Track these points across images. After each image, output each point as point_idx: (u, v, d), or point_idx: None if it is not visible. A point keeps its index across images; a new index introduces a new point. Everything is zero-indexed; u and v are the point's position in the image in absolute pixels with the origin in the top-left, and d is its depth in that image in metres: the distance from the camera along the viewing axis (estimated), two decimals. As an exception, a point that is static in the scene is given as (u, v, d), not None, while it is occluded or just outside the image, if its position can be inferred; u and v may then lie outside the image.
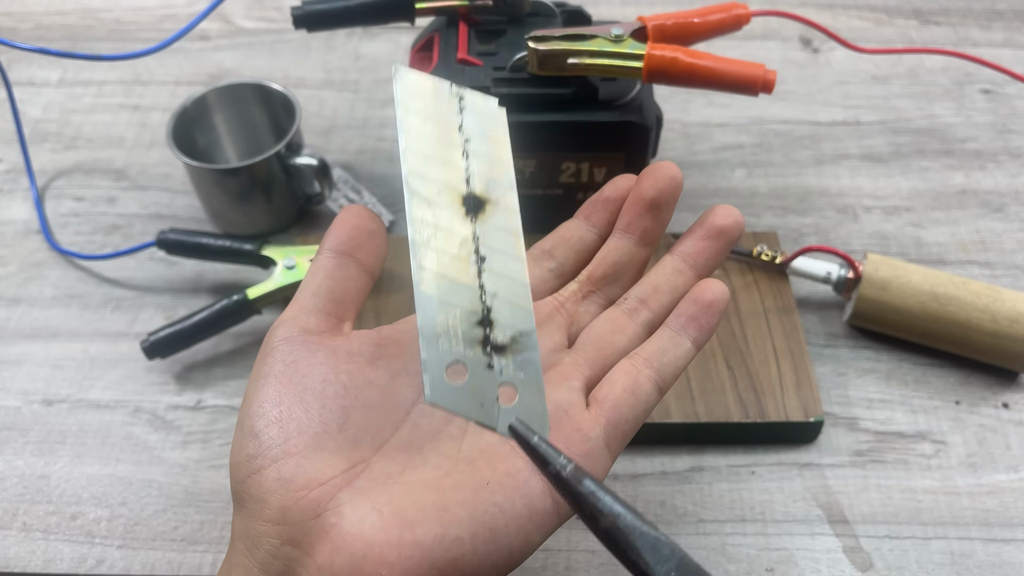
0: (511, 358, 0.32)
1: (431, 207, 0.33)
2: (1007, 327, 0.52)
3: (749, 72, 0.49)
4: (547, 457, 0.28)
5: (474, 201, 0.34)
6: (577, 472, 0.28)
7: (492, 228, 0.33)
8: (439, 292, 0.32)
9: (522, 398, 0.31)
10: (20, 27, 0.82)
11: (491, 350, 0.32)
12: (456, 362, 0.31)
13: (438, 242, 0.32)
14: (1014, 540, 0.49)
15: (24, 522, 0.50)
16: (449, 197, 0.33)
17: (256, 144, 0.66)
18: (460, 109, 0.35)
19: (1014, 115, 0.72)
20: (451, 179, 0.33)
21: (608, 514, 0.27)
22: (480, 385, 0.31)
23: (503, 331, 0.32)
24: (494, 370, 0.31)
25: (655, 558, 0.27)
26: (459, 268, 0.32)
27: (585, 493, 0.27)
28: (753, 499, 0.50)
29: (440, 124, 0.34)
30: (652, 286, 0.36)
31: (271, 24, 0.82)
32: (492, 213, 0.34)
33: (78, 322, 0.59)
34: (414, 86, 0.34)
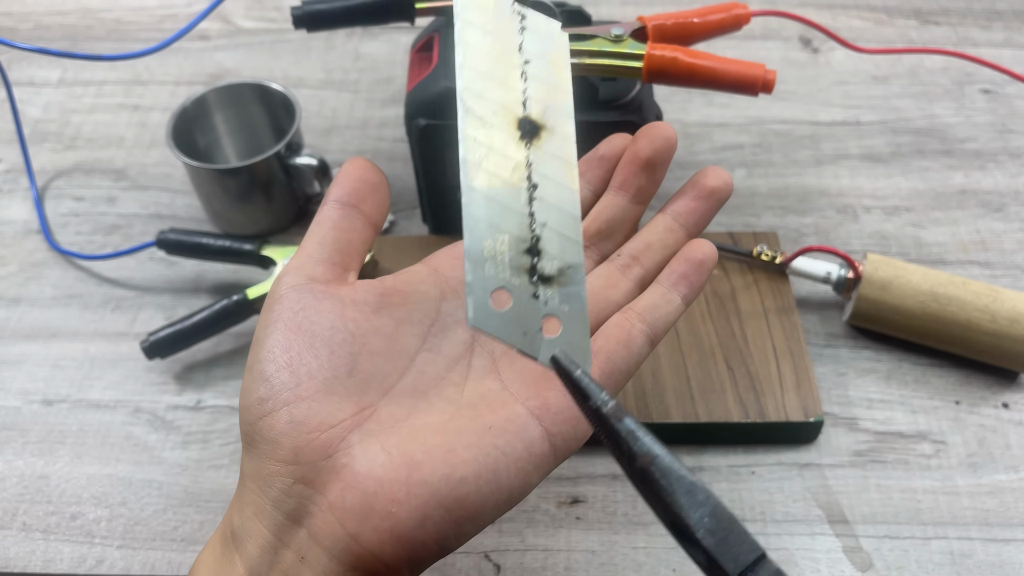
0: (557, 290, 0.31)
1: (485, 127, 0.32)
2: (1007, 327, 0.52)
3: (749, 72, 0.49)
4: (589, 391, 0.28)
5: (530, 125, 0.33)
6: (618, 409, 0.27)
7: (546, 155, 0.33)
8: (488, 215, 0.31)
9: (566, 331, 0.30)
10: (20, 27, 0.82)
11: (538, 279, 0.31)
12: (501, 288, 0.30)
13: (490, 164, 0.32)
14: (1014, 540, 0.49)
15: (24, 522, 0.50)
16: (504, 118, 0.32)
17: (256, 144, 0.66)
18: (521, 28, 0.34)
19: (1014, 115, 0.72)
20: (507, 100, 0.33)
21: (646, 454, 0.27)
22: (524, 313, 0.30)
23: (551, 262, 0.31)
24: (539, 300, 0.31)
25: (690, 502, 0.26)
26: (510, 193, 0.31)
27: (624, 431, 0.27)
28: (753, 499, 0.50)
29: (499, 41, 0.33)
30: (644, 243, 0.37)
31: (271, 24, 0.82)
32: (547, 140, 0.33)
33: (78, 322, 0.59)
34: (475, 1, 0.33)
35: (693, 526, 0.26)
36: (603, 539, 0.49)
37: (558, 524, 0.50)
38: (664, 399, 0.52)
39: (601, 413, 0.28)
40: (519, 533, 0.49)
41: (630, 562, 0.48)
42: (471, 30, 0.33)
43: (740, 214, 0.65)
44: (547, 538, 0.49)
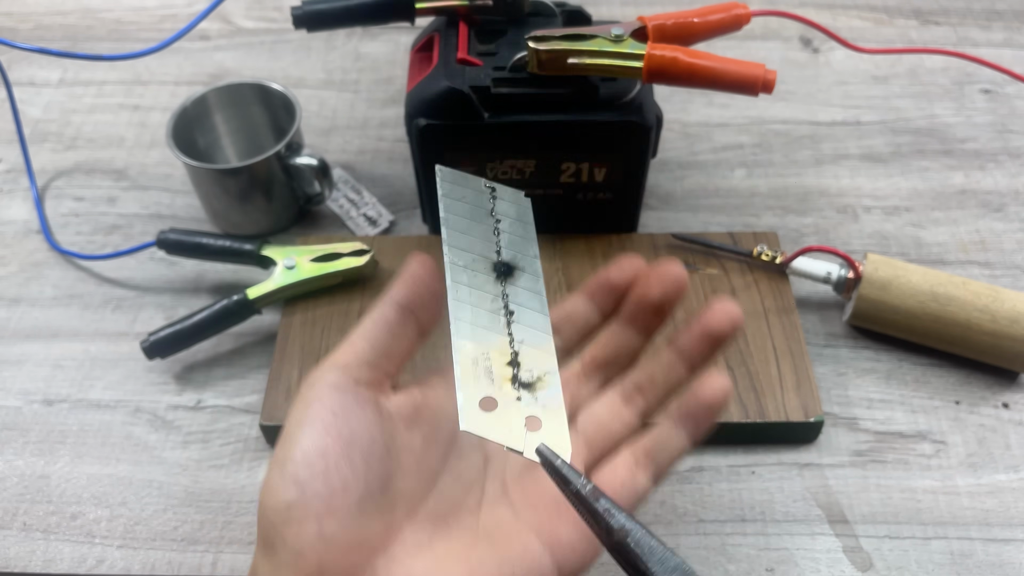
0: (536, 393, 0.36)
1: (467, 271, 0.38)
2: (1007, 327, 0.52)
3: (749, 72, 0.49)
4: (569, 477, 0.31)
5: (504, 267, 0.39)
6: (595, 491, 0.31)
7: (520, 288, 0.39)
8: (473, 338, 0.36)
9: (547, 427, 0.34)
10: (20, 27, 0.82)
11: (519, 386, 0.36)
12: (488, 397, 0.34)
13: (473, 299, 0.38)
14: (1014, 540, 0.49)
15: (24, 522, 0.50)
16: (483, 264, 0.39)
17: (256, 144, 0.66)
18: (493, 199, 0.42)
19: (1014, 115, 0.72)
20: (484, 250, 0.40)
21: (621, 529, 0.30)
22: (509, 415, 0.34)
23: (529, 371, 0.36)
24: (522, 402, 0.35)
25: (661, 569, 0.29)
26: (491, 319, 0.37)
27: (601, 510, 0.30)
28: (753, 499, 0.50)
29: (476, 209, 0.41)
30: (648, 376, 0.38)
31: (271, 24, 0.82)
32: (519, 277, 0.39)
33: (78, 322, 0.59)
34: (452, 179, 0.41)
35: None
36: (603, 539, 0.49)
37: (558, 524, 0.50)
38: (664, 399, 0.52)
39: (581, 495, 0.31)
40: (519, 533, 0.49)
41: (630, 562, 0.48)
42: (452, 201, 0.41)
43: (740, 214, 0.65)
44: (547, 538, 0.49)
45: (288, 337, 0.55)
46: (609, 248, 0.60)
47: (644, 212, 0.64)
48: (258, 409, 0.54)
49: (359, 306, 0.57)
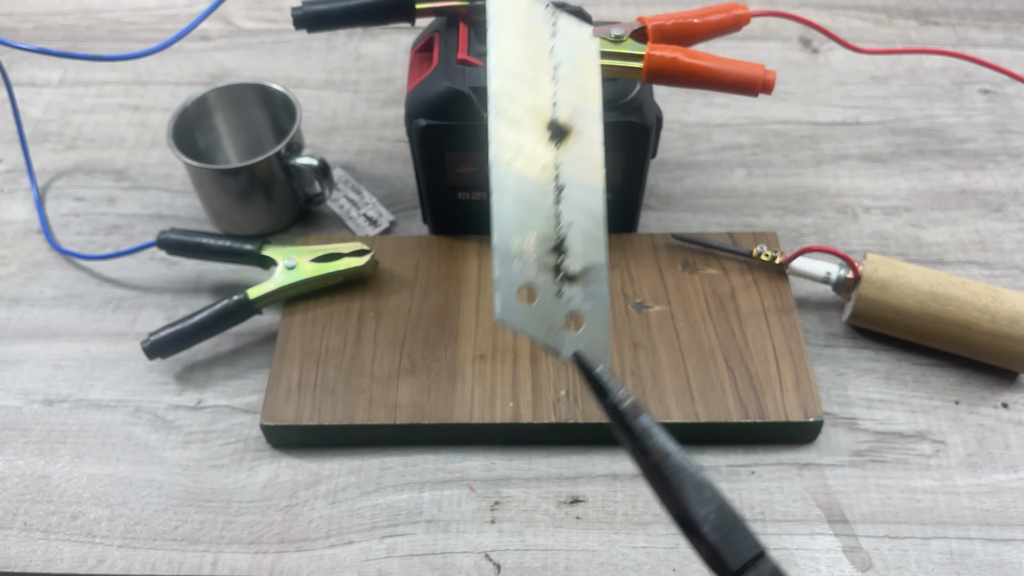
0: (581, 288, 0.33)
1: (516, 128, 0.33)
2: (1006, 327, 0.52)
3: (749, 72, 0.49)
4: (608, 388, 0.29)
5: (558, 128, 0.34)
6: (635, 407, 0.29)
7: (574, 158, 0.34)
8: (516, 214, 0.32)
9: (588, 328, 0.32)
10: (21, 27, 0.82)
11: (562, 277, 0.32)
12: (527, 285, 0.31)
13: (520, 164, 0.33)
14: (1013, 540, 0.49)
15: (25, 522, 0.50)
16: (535, 120, 0.33)
17: (257, 144, 0.67)
18: (553, 33, 0.35)
19: (1013, 115, 0.72)
20: (538, 102, 0.34)
21: (659, 451, 0.28)
22: (549, 310, 0.31)
23: (575, 260, 0.33)
24: (563, 297, 0.32)
25: (697, 498, 0.28)
26: (538, 193, 0.33)
27: (639, 429, 0.29)
28: (753, 499, 0.50)
29: (532, 44, 0.34)
30: None
31: (271, 25, 0.82)
32: (575, 143, 0.34)
33: (79, 322, 0.59)
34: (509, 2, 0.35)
35: (699, 521, 0.27)
36: (603, 538, 0.49)
37: (558, 524, 0.50)
38: (664, 399, 0.52)
39: (619, 410, 0.29)
40: (519, 533, 0.49)
41: (630, 561, 0.48)
42: (504, 32, 0.34)
43: (740, 214, 0.65)
44: (547, 538, 0.49)
45: (288, 337, 0.55)
46: (609, 248, 0.59)
47: (644, 212, 0.64)
48: (258, 409, 0.54)
49: (359, 306, 0.57)
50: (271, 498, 0.51)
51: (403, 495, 0.51)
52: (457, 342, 0.55)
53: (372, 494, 0.51)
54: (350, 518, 0.50)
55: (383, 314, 0.56)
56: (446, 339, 0.55)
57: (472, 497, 0.51)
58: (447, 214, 0.60)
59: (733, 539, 0.27)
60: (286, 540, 0.49)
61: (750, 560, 0.27)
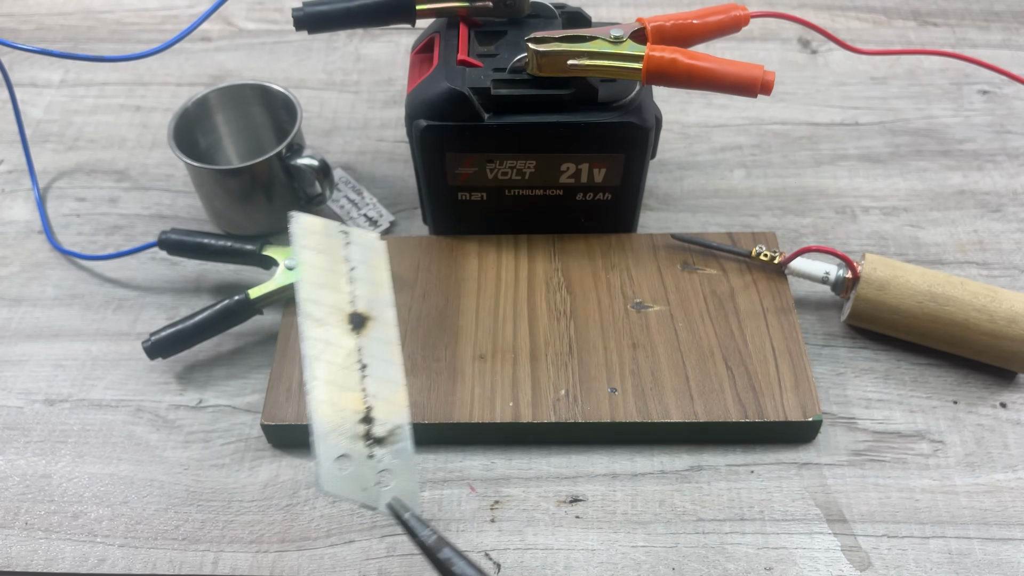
0: (388, 447, 0.38)
1: (322, 326, 0.40)
2: (1005, 327, 0.53)
3: (748, 73, 0.49)
4: (416, 530, 0.35)
5: (357, 318, 0.41)
6: (439, 542, 0.35)
7: (373, 340, 0.40)
8: (328, 396, 0.38)
9: (398, 481, 0.37)
10: (22, 28, 0.83)
11: (372, 442, 0.38)
12: (343, 455, 0.37)
13: (328, 355, 0.39)
14: (1012, 539, 0.49)
15: (26, 521, 0.50)
16: (337, 317, 0.40)
17: (257, 145, 0.67)
18: (346, 243, 0.43)
19: (1012, 116, 0.72)
20: (338, 301, 0.41)
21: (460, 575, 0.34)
22: (363, 472, 0.37)
23: (382, 426, 0.39)
24: (374, 459, 0.38)
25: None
26: (345, 375, 0.39)
27: (443, 559, 0.35)
28: (752, 498, 0.51)
29: (329, 256, 0.42)
30: None
31: (272, 25, 0.82)
32: (373, 327, 0.41)
33: (80, 322, 0.60)
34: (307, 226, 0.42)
35: None
36: (602, 538, 0.49)
37: (558, 523, 0.50)
38: (663, 399, 0.52)
39: (426, 545, 0.35)
40: (519, 532, 0.49)
41: (629, 561, 0.48)
42: (306, 251, 0.42)
43: (739, 214, 0.65)
44: (547, 537, 0.49)
45: (289, 337, 0.55)
46: (609, 248, 0.60)
47: (643, 212, 0.65)
48: (259, 409, 0.55)
49: (359, 306, 0.57)
50: (272, 497, 0.51)
51: (403, 494, 0.51)
52: (457, 342, 0.55)
53: (372, 493, 0.51)
54: (350, 517, 0.50)
55: (383, 314, 0.57)
56: (446, 339, 0.55)
57: (472, 496, 0.51)
58: (447, 214, 0.60)
59: None
60: (287, 539, 0.49)
61: None
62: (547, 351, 0.54)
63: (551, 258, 0.59)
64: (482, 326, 0.56)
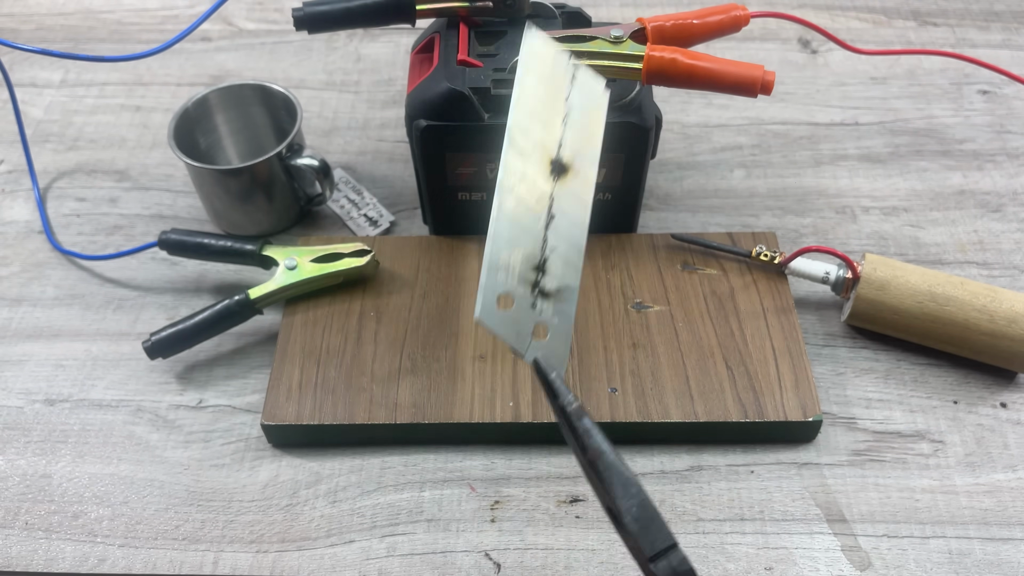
0: (553, 304, 0.37)
1: (523, 158, 0.38)
2: (1005, 327, 0.53)
3: (748, 73, 0.49)
4: (559, 392, 0.34)
5: (560, 165, 0.39)
6: (579, 410, 0.34)
7: (568, 193, 0.39)
8: (509, 232, 0.37)
9: (552, 339, 0.36)
10: (22, 28, 0.83)
11: (538, 293, 0.37)
12: (507, 294, 0.36)
13: (520, 190, 0.38)
14: (1012, 539, 0.49)
15: (26, 521, 0.50)
16: (540, 155, 0.38)
17: (257, 145, 0.67)
18: (572, 81, 0.40)
19: (1012, 116, 0.72)
20: (546, 140, 0.39)
21: (595, 450, 0.33)
22: (521, 318, 0.36)
23: (552, 280, 0.37)
24: (536, 309, 0.37)
25: (623, 493, 0.33)
26: (532, 218, 0.38)
27: (581, 429, 0.33)
28: (752, 498, 0.51)
29: (551, 89, 0.39)
30: None
31: (272, 26, 0.82)
32: (571, 180, 0.39)
33: (80, 322, 0.60)
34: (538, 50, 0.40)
35: (623, 512, 0.32)
36: (603, 537, 0.49)
37: (558, 523, 0.50)
38: (663, 399, 0.52)
39: (566, 411, 0.34)
40: (519, 532, 0.49)
41: (629, 560, 0.48)
42: (529, 75, 0.39)
43: (739, 215, 0.65)
44: (547, 536, 0.49)
45: (289, 337, 0.55)
46: (609, 248, 0.60)
47: (643, 212, 0.65)
48: (259, 409, 0.55)
49: (360, 306, 0.57)
50: (272, 497, 0.51)
51: (403, 494, 0.51)
52: (457, 342, 0.55)
53: (373, 493, 0.51)
54: (351, 517, 0.50)
55: (383, 314, 0.56)
56: (446, 339, 0.55)
57: (472, 496, 0.51)
58: (447, 214, 0.60)
59: (650, 531, 0.32)
60: (287, 539, 0.49)
61: (663, 549, 0.32)
62: (547, 351, 0.54)
63: (551, 258, 0.59)
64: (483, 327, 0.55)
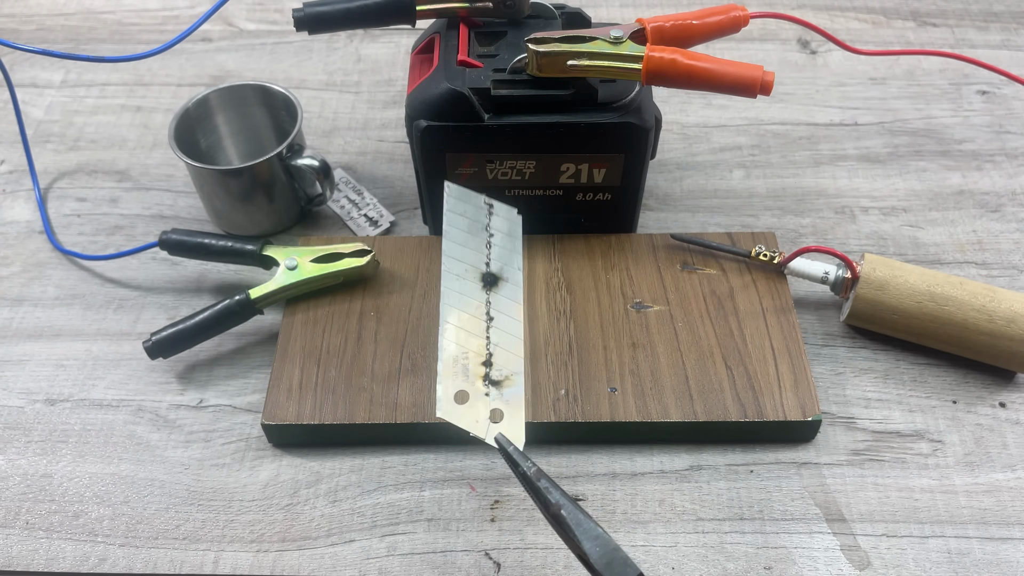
0: (503, 390, 0.44)
1: (458, 280, 0.46)
2: (1004, 327, 0.53)
3: (747, 74, 0.49)
4: (518, 462, 0.40)
5: (491, 278, 0.47)
6: (537, 473, 0.39)
7: (501, 297, 0.47)
8: (456, 339, 0.45)
9: (507, 419, 0.43)
10: (23, 29, 0.83)
11: (489, 383, 0.44)
12: (462, 390, 0.43)
13: (460, 305, 0.46)
14: (1011, 539, 0.49)
15: (27, 521, 0.51)
16: (473, 274, 0.47)
17: (258, 145, 0.67)
18: (489, 213, 0.50)
19: (1011, 116, 0.72)
20: (476, 261, 0.48)
21: (556, 503, 0.38)
22: (477, 407, 0.43)
23: (499, 371, 0.44)
24: (489, 397, 0.43)
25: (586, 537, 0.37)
26: (473, 323, 0.45)
27: (542, 488, 0.39)
28: (751, 498, 0.51)
29: (473, 223, 0.49)
30: None
31: (273, 26, 0.82)
32: (503, 287, 0.47)
33: (81, 322, 0.60)
34: (458, 195, 0.49)
35: (588, 555, 0.37)
36: (602, 537, 0.49)
37: (558, 522, 0.50)
38: (663, 398, 0.52)
39: (527, 476, 0.39)
40: (519, 531, 0.50)
41: (629, 560, 0.48)
42: (454, 215, 0.49)
43: (738, 215, 0.65)
44: (547, 536, 0.49)
45: (289, 337, 0.55)
46: (608, 248, 0.60)
47: (643, 212, 0.65)
48: (260, 408, 0.55)
49: (360, 306, 0.57)
50: (272, 497, 0.51)
51: (404, 494, 0.51)
52: (457, 342, 0.55)
53: (373, 493, 0.51)
54: (351, 517, 0.50)
55: (384, 314, 0.57)
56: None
57: (472, 496, 0.51)
58: (447, 215, 0.60)
59: (614, 567, 0.36)
60: (287, 539, 0.49)
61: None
62: (547, 351, 0.54)
63: (551, 258, 0.59)
64: (482, 326, 0.56)
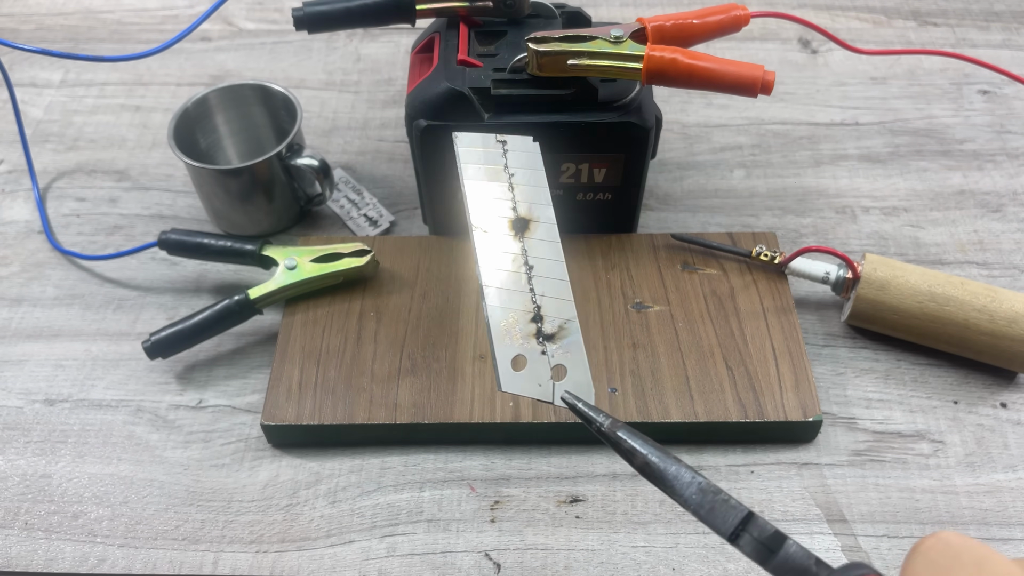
0: (559, 343, 0.40)
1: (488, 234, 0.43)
2: (1005, 327, 0.53)
3: (748, 73, 0.49)
4: (591, 418, 0.37)
5: (520, 223, 0.43)
6: (613, 425, 0.36)
7: (536, 241, 0.43)
8: (500, 301, 0.41)
9: (570, 374, 0.39)
10: (22, 28, 0.83)
11: (543, 339, 0.40)
12: (518, 355, 0.40)
13: (496, 261, 0.42)
14: (1012, 539, 0.49)
15: (26, 521, 0.50)
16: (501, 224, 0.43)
17: (257, 145, 0.67)
18: (504, 152, 0.46)
19: (1012, 116, 0.72)
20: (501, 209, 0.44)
21: (640, 453, 0.35)
22: (537, 369, 0.40)
23: (551, 322, 0.41)
24: (547, 355, 0.40)
25: (680, 485, 0.34)
26: (514, 279, 0.42)
27: (620, 440, 0.36)
28: (752, 498, 0.51)
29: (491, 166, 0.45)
30: None
31: (272, 25, 0.82)
32: (535, 229, 0.43)
33: (80, 322, 0.60)
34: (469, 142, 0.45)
35: (686, 503, 0.34)
36: (602, 538, 0.49)
37: (558, 523, 0.50)
38: (663, 399, 0.52)
39: (602, 431, 0.37)
40: (519, 532, 0.49)
41: (629, 561, 0.48)
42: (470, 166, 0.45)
43: (739, 215, 0.65)
44: (547, 537, 0.49)
45: (289, 337, 0.55)
46: (609, 248, 0.60)
47: (643, 212, 0.65)
48: (259, 409, 0.55)
49: (360, 306, 0.57)
50: (272, 497, 0.51)
51: (403, 494, 0.51)
52: (457, 342, 0.55)
53: (372, 493, 0.51)
54: (351, 517, 0.50)
55: (383, 314, 0.56)
56: (446, 339, 0.55)
57: (472, 496, 0.51)
58: (447, 214, 0.60)
59: (717, 512, 0.33)
60: (287, 539, 0.49)
61: (738, 524, 0.33)
62: (547, 351, 0.54)
63: (551, 258, 0.59)
64: (482, 326, 0.56)
